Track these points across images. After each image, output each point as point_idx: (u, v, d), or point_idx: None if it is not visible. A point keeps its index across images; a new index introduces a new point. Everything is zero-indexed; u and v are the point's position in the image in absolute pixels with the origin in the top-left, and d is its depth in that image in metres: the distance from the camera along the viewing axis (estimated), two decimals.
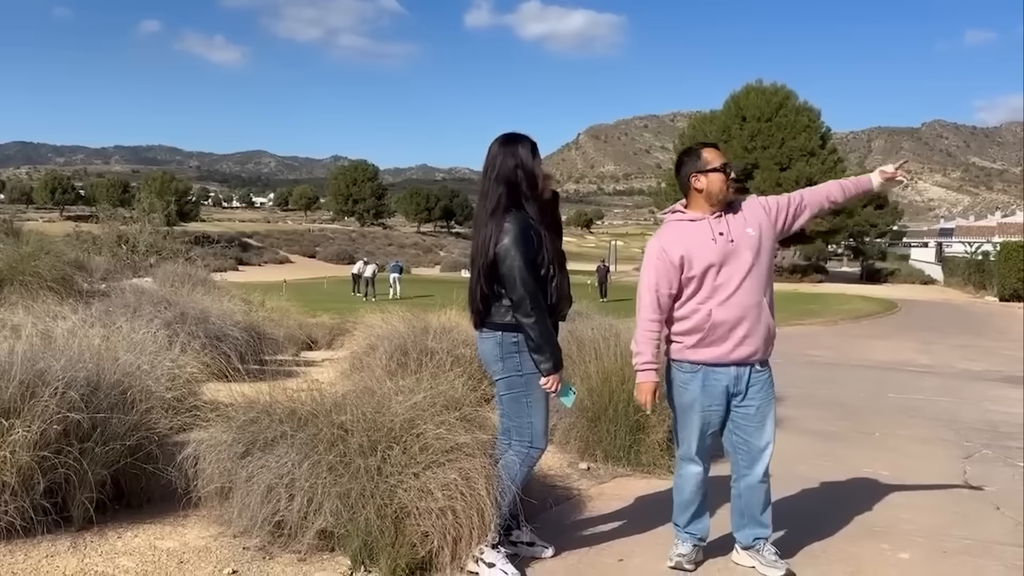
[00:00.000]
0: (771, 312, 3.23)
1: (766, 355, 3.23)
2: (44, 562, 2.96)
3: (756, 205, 3.29)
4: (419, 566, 3.00)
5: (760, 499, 3.28)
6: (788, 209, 3.29)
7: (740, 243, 3.15)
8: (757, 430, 3.23)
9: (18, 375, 3.07)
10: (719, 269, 3.15)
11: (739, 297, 3.13)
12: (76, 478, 3.10)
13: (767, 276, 3.21)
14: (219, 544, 3.20)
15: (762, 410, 3.23)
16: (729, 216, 3.21)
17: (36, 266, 9.45)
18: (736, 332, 3.14)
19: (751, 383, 3.20)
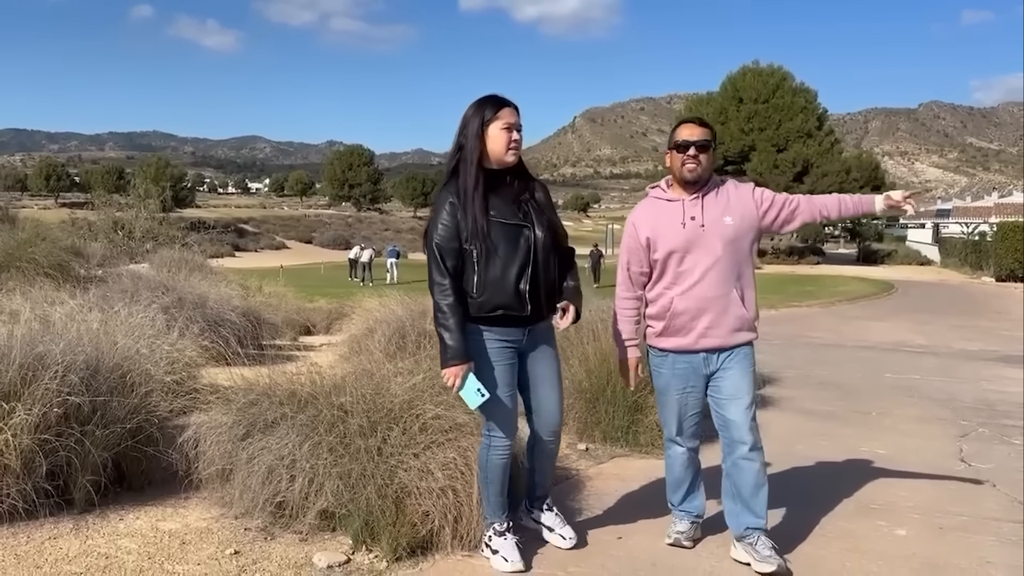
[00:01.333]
0: (747, 300, 3.10)
1: (737, 343, 3.10)
2: (47, 544, 2.97)
3: (746, 193, 3.16)
4: (420, 545, 3.02)
5: (749, 480, 3.09)
6: (782, 209, 3.14)
7: (711, 231, 3.03)
8: (731, 402, 3.10)
9: (18, 358, 3.08)
10: (683, 256, 3.06)
11: (702, 288, 3.04)
12: (78, 461, 3.12)
13: (739, 267, 3.08)
14: (221, 525, 3.22)
15: (736, 383, 3.10)
16: (709, 199, 3.09)
17: (32, 252, 9.44)
18: (698, 323, 3.06)
19: (724, 364, 3.11)
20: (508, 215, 2.91)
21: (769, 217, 3.12)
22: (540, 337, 3.06)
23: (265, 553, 3.00)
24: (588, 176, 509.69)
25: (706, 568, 3.11)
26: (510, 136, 2.91)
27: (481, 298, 2.88)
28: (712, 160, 3.14)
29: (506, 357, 2.97)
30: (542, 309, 2.97)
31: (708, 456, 3.58)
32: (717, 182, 3.16)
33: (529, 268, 2.89)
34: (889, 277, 32.49)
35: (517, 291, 2.87)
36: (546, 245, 2.94)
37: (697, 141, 3.07)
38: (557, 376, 3.11)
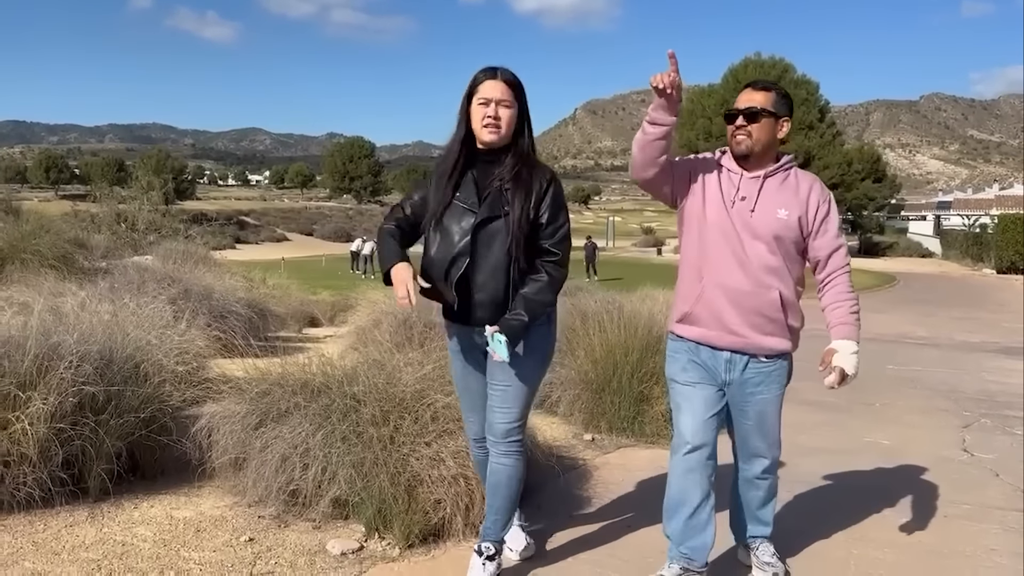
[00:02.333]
0: (788, 306, 2.67)
1: (768, 349, 2.69)
2: (64, 531, 3.01)
3: (813, 200, 2.68)
4: (432, 532, 3.06)
5: (759, 496, 2.92)
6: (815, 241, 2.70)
7: (761, 219, 2.62)
8: (755, 432, 2.79)
9: (33, 349, 3.11)
10: (719, 236, 2.65)
11: (735, 278, 2.64)
12: (92, 450, 3.15)
13: (784, 269, 2.66)
14: (235, 513, 3.26)
15: (760, 409, 2.74)
16: (772, 184, 2.66)
17: (37, 244, 9.48)
18: (725, 317, 2.66)
19: (747, 374, 2.71)
20: (467, 197, 2.62)
21: (808, 234, 2.69)
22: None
23: (279, 540, 3.03)
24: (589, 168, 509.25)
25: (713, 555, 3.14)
26: (484, 112, 2.57)
27: (423, 264, 2.69)
28: (771, 131, 2.66)
29: (456, 349, 2.81)
30: (481, 311, 2.60)
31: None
32: (789, 169, 2.71)
33: (464, 259, 2.57)
34: (890, 269, 32.50)
35: (445, 278, 2.60)
36: (490, 238, 2.57)
37: (745, 109, 2.64)
38: (513, 383, 2.66)
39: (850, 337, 2.65)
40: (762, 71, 44.98)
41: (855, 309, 2.70)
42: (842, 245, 2.73)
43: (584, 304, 5.95)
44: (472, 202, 2.61)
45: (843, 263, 2.73)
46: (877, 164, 54.82)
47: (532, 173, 2.62)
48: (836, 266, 2.71)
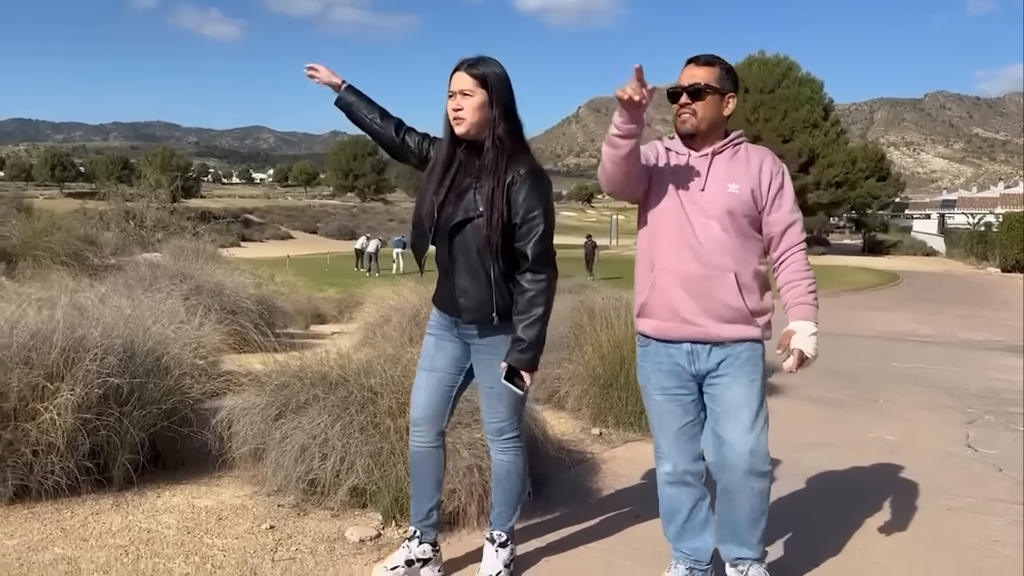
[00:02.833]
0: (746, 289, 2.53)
1: (729, 337, 2.53)
2: (90, 519, 3.10)
3: (765, 172, 2.57)
4: (447, 521, 3.14)
5: (743, 511, 2.58)
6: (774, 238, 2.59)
7: (711, 196, 2.52)
8: (726, 418, 2.54)
9: (60, 342, 3.19)
10: (672, 219, 2.55)
11: (686, 260, 2.51)
12: (117, 439, 3.24)
13: (741, 248, 2.53)
14: (255, 502, 3.35)
15: (733, 393, 2.53)
16: (721, 161, 2.57)
17: (48, 242, 9.60)
18: (679, 305, 2.53)
19: (720, 368, 2.54)
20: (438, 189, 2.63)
21: (763, 208, 2.57)
22: (483, 347, 2.68)
23: (299, 528, 3.12)
24: (592, 167, 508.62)
25: None
26: (450, 104, 2.57)
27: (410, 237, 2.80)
28: (717, 108, 2.55)
29: (434, 328, 2.79)
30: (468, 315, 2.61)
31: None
32: (739, 144, 2.61)
33: (426, 241, 2.66)
34: (894, 268, 32.50)
35: (415, 250, 2.75)
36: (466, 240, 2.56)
37: (688, 86, 2.52)
38: (496, 385, 2.65)
39: (808, 318, 2.54)
40: (766, 69, 45.00)
41: (812, 288, 2.58)
42: (797, 220, 2.59)
43: (591, 301, 6.02)
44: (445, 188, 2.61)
45: (798, 240, 2.60)
46: (881, 162, 54.80)
47: (504, 161, 2.54)
48: (791, 243, 2.58)
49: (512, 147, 2.56)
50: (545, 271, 2.57)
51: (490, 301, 2.57)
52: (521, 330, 2.54)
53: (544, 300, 2.56)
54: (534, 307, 2.54)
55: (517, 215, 2.52)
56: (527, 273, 2.55)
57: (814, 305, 2.57)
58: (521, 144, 2.61)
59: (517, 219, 2.52)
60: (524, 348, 2.54)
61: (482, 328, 2.63)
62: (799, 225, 2.60)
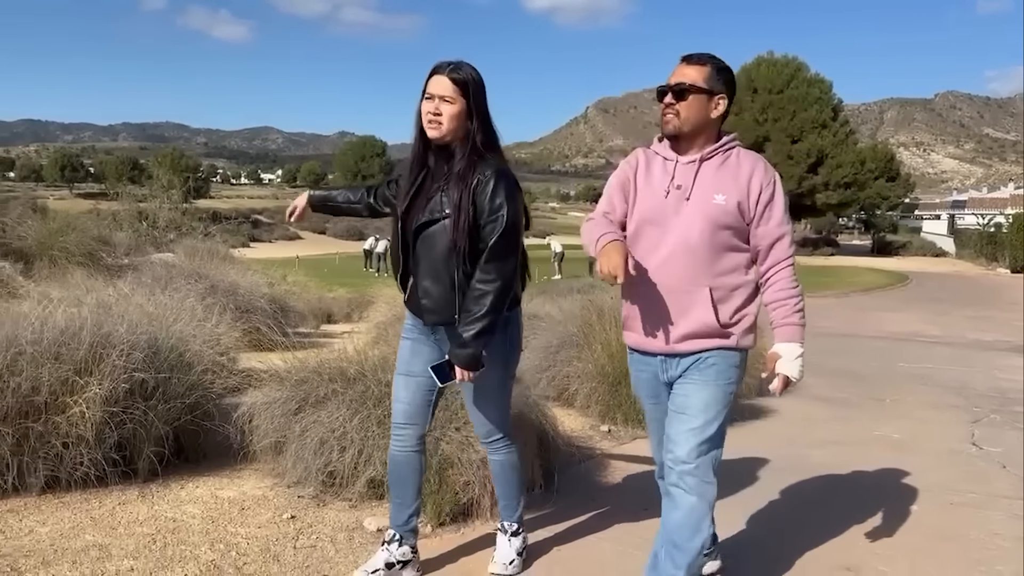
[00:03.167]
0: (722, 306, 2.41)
1: (692, 350, 2.43)
2: (117, 509, 3.21)
3: (755, 183, 2.42)
4: (461, 512, 3.25)
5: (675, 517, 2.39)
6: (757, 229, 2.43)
7: (696, 206, 2.40)
8: (673, 417, 2.43)
9: (87, 338, 3.31)
10: (656, 230, 2.45)
11: (664, 274, 2.42)
12: (143, 432, 3.35)
13: (720, 262, 2.41)
14: (275, 493, 3.45)
15: (688, 395, 2.42)
16: (709, 167, 2.43)
17: (64, 242, 9.75)
18: (652, 318, 2.45)
19: (686, 373, 2.45)
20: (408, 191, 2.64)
21: (751, 220, 2.43)
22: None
23: (319, 518, 3.23)
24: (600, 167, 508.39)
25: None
26: (427, 107, 2.55)
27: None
28: (703, 109, 2.41)
29: (409, 332, 2.78)
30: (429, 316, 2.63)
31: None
32: (730, 150, 2.47)
33: (402, 254, 2.67)
34: (903, 268, 32.47)
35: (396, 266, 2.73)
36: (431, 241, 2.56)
37: (674, 85, 2.41)
38: (479, 391, 2.68)
39: (794, 339, 2.42)
40: (775, 69, 44.98)
41: (799, 307, 2.44)
42: (785, 234, 2.45)
43: (600, 300, 6.11)
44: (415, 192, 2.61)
45: (785, 255, 2.45)
46: (891, 163, 54.66)
47: (473, 167, 2.54)
48: (777, 258, 2.44)
49: (481, 151, 2.57)
50: (497, 270, 2.52)
51: (452, 303, 2.56)
52: (463, 326, 2.52)
53: (491, 300, 2.50)
54: (478, 305, 2.50)
55: (482, 215, 2.52)
56: (479, 271, 2.52)
57: (800, 325, 2.44)
58: (493, 148, 2.61)
59: (482, 219, 2.52)
60: (461, 344, 2.51)
61: (448, 330, 2.61)
62: (787, 239, 2.46)
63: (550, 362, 5.60)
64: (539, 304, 6.89)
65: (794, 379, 2.41)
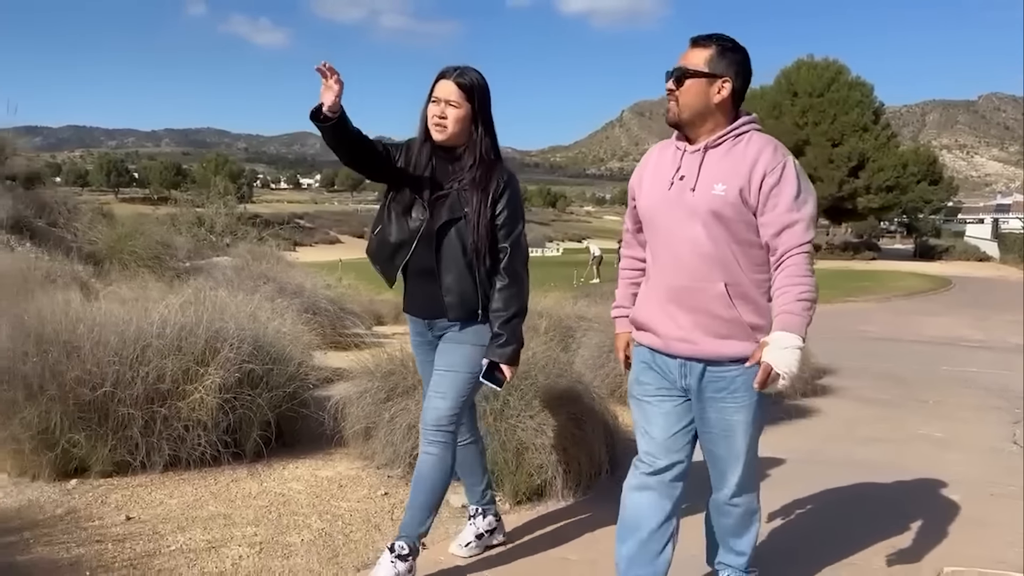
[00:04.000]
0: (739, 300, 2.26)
1: (726, 355, 2.28)
2: (231, 485, 3.61)
3: (757, 169, 2.22)
4: (536, 492, 3.59)
5: (730, 525, 2.55)
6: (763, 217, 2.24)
7: (700, 197, 2.25)
8: (721, 447, 2.39)
9: (204, 333, 3.72)
10: (660, 223, 2.35)
11: (674, 272, 2.31)
12: (251, 417, 3.75)
13: (732, 255, 2.25)
14: (367, 473, 3.83)
15: (725, 420, 2.33)
16: (715, 156, 2.27)
17: (133, 246, 10.30)
18: (669, 320, 2.32)
19: (705, 380, 2.31)
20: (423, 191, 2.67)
21: (755, 208, 2.25)
22: (449, 337, 2.73)
23: None
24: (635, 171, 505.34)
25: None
26: (433, 110, 2.62)
27: (370, 246, 2.81)
28: (703, 95, 2.26)
29: (416, 346, 2.92)
30: (452, 312, 2.66)
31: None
32: (741, 135, 2.28)
33: (407, 249, 2.67)
34: (946, 273, 32.09)
35: (390, 261, 2.72)
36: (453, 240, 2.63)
37: (674, 71, 2.28)
38: (450, 370, 2.69)
39: (788, 328, 2.17)
40: (815, 73, 44.70)
41: (804, 295, 2.20)
42: (798, 220, 2.21)
43: None
44: (424, 193, 2.65)
45: (797, 242, 2.22)
46: (933, 166, 53.90)
47: (489, 174, 2.64)
48: (789, 246, 2.22)
49: (493, 159, 2.68)
50: (522, 270, 2.69)
51: (476, 298, 2.64)
52: (500, 326, 2.62)
53: (520, 298, 2.67)
54: (512, 304, 2.64)
55: (500, 216, 2.64)
56: (504, 272, 2.64)
57: (800, 315, 2.18)
58: (498, 154, 2.73)
59: (499, 220, 2.64)
60: (504, 343, 2.62)
61: (463, 324, 2.67)
62: (801, 226, 2.22)
63: (603, 360, 5.90)
64: (585, 306, 7.17)
65: (779, 371, 2.12)
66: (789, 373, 2.13)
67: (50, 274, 7.62)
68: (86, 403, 3.42)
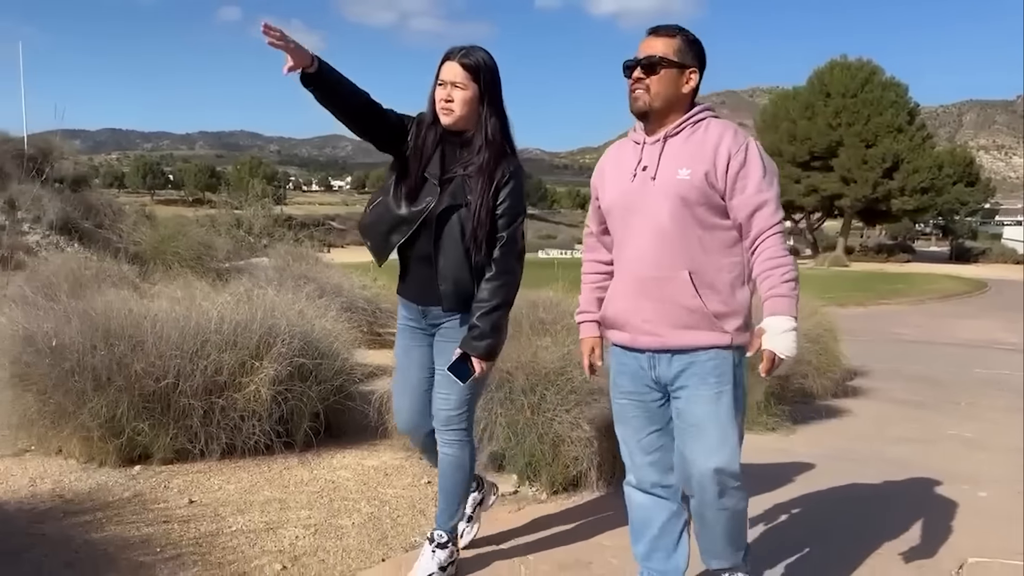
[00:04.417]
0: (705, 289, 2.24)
1: (689, 345, 2.26)
2: (284, 472, 3.83)
3: (722, 151, 2.23)
4: (571, 483, 3.75)
5: (715, 532, 2.38)
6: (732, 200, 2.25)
7: (661, 186, 2.26)
8: (692, 437, 2.28)
9: (258, 329, 3.94)
10: (624, 217, 2.35)
11: (639, 264, 2.30)
12: (302, 408, 3.96)
13: (697, 242, 2.25)
14: (410, 463, 4.02)
15: (696, 408, 2.26)
16: (675, 144, 2.29)
17: (176, 247, 10.64)
18: (634, 313, 2.32)
19: (681, 378, 2.29)
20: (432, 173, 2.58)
21: (723, 192, 2.25)
22: (445, 331, 2.66)
23: None
24: None
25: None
26: (440, 93, 2.54)
27: (364, 219, 2.72)
28: (674, 84, 2.28)
29: (401, 334, 2.80)
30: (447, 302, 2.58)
31: None
32: (700, 122, 2.31)
33: (407, 228, 2.57)
34: (982, 276, 31.58)
35: (385, 240, 2.61)
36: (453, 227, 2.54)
37: (643, 58, 2.27)
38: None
39: (781, 312, 2.18)
40: (848, 73, 44.26)
41: (788, 276, 2.21)
42: (767, 201, 2.22)
43: None
44: (435, 174, 2.57)
45: (770, 223, 2.23)
46: (970, 167, 53.01)
47: (496, 160, 2.55)
48: (762, 227, 2.23)
49: (501, 144, 2.58)
50: (515, 263, 2.60)
51: (471, 288, 2.56)
52: (479, 317, 2.52)
53: (507, 291, 2.57)
54: (496, 296, 2.54)
55: (501, 206, 2.55)
56: (497, 263, 2.55)
57: (789, 296, 2.20)
58: (508, 141, 2.62)
59: (499, 211, 2.55)
60: (479, 335, 2.52)
61: (457, 316, 2.61)
62: (771, 206, 2.23)
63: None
64: None
65: (782, 356, 2.16)
66: (789, 355, 2.16)
67: (100, 274, 7.95)
68: (150, 394, 3.66)
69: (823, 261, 39.87)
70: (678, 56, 2.27)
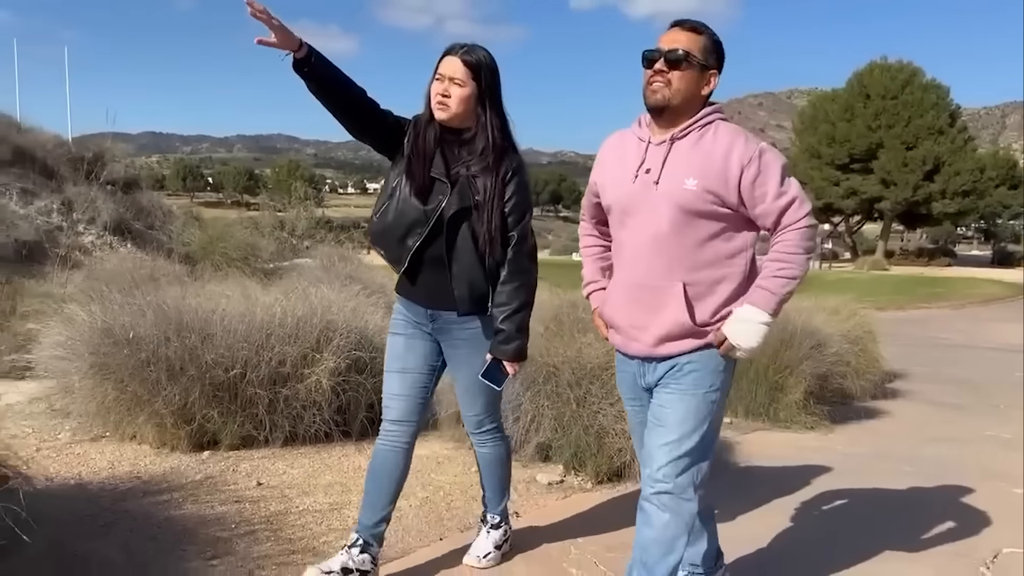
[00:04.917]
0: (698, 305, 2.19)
1: (669, 353, 2.22)
2: (341, 459, 4.05)
3: (732, 161, 2.14)
4: (615, 473, 3.92)
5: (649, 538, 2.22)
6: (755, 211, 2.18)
7: (665, 192, 2.17)
8: (651, 429, 2.24)
9: (318, 324, 4.17)
10: (623, 218, 2.28)
11: (634, 269, 2.26)
12: (358, 399, 4.19)
13: (696, 255, 2.18)
14: (459, 453, 4.22)
15: (667, 406, 2.21)
16: (682, 147, 2.19)
17: (224, 247, 11.00)
18: (626, 318, 2.29)
19: (663, 380, 2.25)
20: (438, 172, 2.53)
21: (746, 202, 2.17)
22: (458, 337, 2.63)
23: None
24: None
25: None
26: (437, 88, 2.50)
27: (374, 227, 2.62)
28: (696, 83, 2.18)
29: (401, 328, 2.72)
30: (463, 305, 2.55)
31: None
32: (708, 125, 2.20)
33: (421, 229, 2.50)
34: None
35: (400, 244, 2.54)
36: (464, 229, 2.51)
37: (668, 51, 2.16)
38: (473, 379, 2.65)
39: (755, 303, 2.15)
40: (888, 75, 43.64)
41: (783, 272, 2.15)
42: (791, 202, 2.15)
43: None
44: (441, 172, 2.52)
45: (793, 219, 2.16)
46: (1013, 170, 51.88)
47: (499, 160, 2.53)
48: (786, 224, 2.17)
49: (503, 142, 2.56)
50: (531, 263, 2.59)
51: (487, 291, 2.54)
52: (503, 321, 2.51)
53: (526, 292, 2.56)
54: (516, 298, 2.53)
55: (508, 204, 2.53)
56: (511, 263, 2.54)
57: (773, 292, 2.15)
58: (509, 139, 2.60)
59: (506, 209, 2.53)
60: (507, 338, 2.51)
61: (470, 320, 2.59)
62: (795, 204, 2.16)
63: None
64: None
65: (735, 344, 2.14)
66: (746, 347, 2.14)
67: (154, 273, 8.29)
68: (219, 383, 3.90)
69: (862, 265, 39.35)
70: (703, 55, 2.18)
